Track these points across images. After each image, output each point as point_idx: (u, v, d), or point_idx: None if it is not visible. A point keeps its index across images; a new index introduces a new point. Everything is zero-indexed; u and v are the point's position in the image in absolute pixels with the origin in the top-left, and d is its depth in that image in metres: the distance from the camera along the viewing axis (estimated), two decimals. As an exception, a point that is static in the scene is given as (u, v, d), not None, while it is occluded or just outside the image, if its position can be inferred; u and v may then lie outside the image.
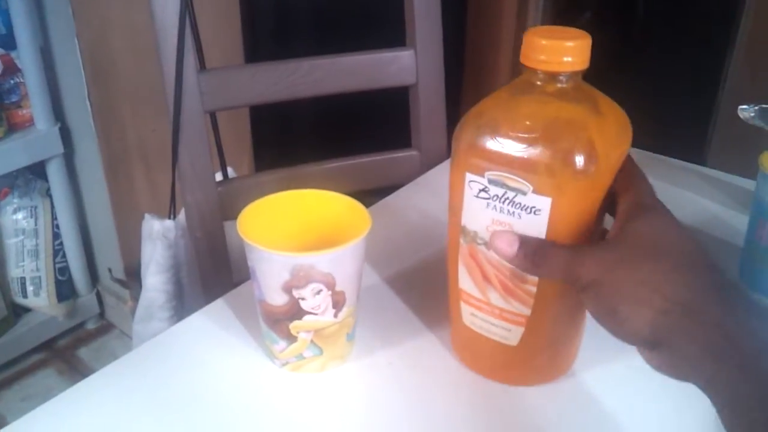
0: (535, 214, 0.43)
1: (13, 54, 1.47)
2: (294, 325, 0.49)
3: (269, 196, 0.53)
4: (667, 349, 0.38)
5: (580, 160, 0.42)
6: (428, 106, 0.91)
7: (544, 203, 0.43)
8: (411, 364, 0.53)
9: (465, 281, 0.49)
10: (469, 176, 0.45)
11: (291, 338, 0.50)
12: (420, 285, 0.62)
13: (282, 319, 0.49)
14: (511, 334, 0.48)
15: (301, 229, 0.54)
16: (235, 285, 0.63)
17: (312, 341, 0.50)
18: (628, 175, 0.44)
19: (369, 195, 0.76)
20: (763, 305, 0.59)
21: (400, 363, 0.54)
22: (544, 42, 0.42)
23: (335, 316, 0.50)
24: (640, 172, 0.45)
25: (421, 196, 0.79)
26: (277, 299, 0.48)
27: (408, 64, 0.89)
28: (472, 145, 0.44)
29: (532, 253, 0.42)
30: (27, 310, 1.67)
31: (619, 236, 0.41)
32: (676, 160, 0.85)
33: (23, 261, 1.61)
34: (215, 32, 1.30)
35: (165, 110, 0.79)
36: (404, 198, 0.78)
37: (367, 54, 0.88)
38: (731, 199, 0.77)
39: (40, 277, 1.63)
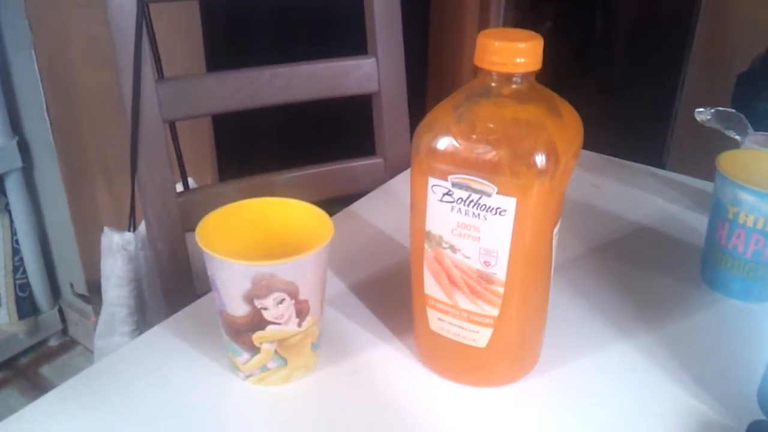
0: (501, 215, 0.43)
1: (-33, 67, 1.44)
2: (257, 336, 0.49)
3: (229, 205, 0.52)
4: None
5: (542, 160, 0.42)
6: (391, 114, 0.91)
7: (509, 204, 0.43)
8: (377, 372, 0.53)
9: (431, 286, 0.48)
10: (431, 181, 0.45)
11: (254, 349, 0.49)
12: (384, 292, 0.62)
13: (244, 330, 0.49)
14: (480, 336, 0.48)
15: (263, 239, 0.53)
16: (198, 297, 0.61)
17: (276, 352, 0.50)
18: None
19: (335, 203, 0.75)
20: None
21: (366, 371, 0.53)
22: (497, 44, 0.43)
23: (299, 325, 0.49)
24: None
25: (386, 204, 0.79)
26: (239, 309, 0.48)
27: (370, 72, 0.89)
28: (432, 150, 0.44)
29: None
30: (-14, 328, 1.62)
31: None
32: (634, 163, 0.87)
33: (-19, 278, 1.57)
34: (176, 42, 1.28)
35: (125, 121, 0.78)
36: (369, 205, 0.78)
37: (329, 62, 0.87)
38: (688, 200, 0.78)
39: (-1, 295, 1.59)
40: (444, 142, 0.44)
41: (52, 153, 1.51)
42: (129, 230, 0.85)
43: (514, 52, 0.42)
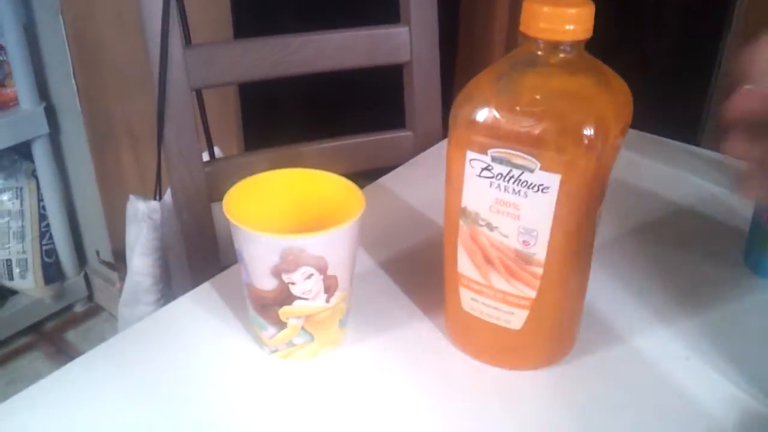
0: (543, 192, 0.41)
1: (-5, 31, 1.44)
2: (283, 311, 0.47)
3: (257, 175, 0.51)
4: None
5: (590, 135, 0.40)
6: (423, 85, 0.89)
7: (552, 180, 0.40)
8: (406, 351, 0.51)
9: (465, 265, 0.47)
10: (470, 154, 0.43)
11: (280, 324, 0.48)
12: (415, 269, 0.60)
13: (271, 305, 0.47)
14: (515, 318, 0.46)
15: (292, 211, 0.52)
16: (223, 268, 0.60)
17: (303, 328, 0.48)
18: None
19: (361, 177, 0.73)
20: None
21: (395, 349, 0.51)
22: (545, 9, 0.40)
23: (327, 301, 0.48)
24: None
25: (417, 178, 0.77)
26: (266, 284, 0.46)
27: (402, 42, 0.86)
28: (472, 121, 0.42)
29: None
30: (13, 292, 1.64)
31: None
32: (672, 141, 0.83)
33: (9, 243, 1.59)
34: (203, 8, 1.26)
35: (152, 88, 0.76)
36: (399, 179, 0.76)
37: (360, 30, 0.85)
38: (730, 180, 0.75)
39: (26, 260, 1.61)
40: (484, 114, 0.41)
41: (79, 119, 1.50)
42: (155, 199, 0.84)
43: (563, 18, 0.39)
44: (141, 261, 0.82)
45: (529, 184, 0.41)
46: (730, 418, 0.46)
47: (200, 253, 0.81)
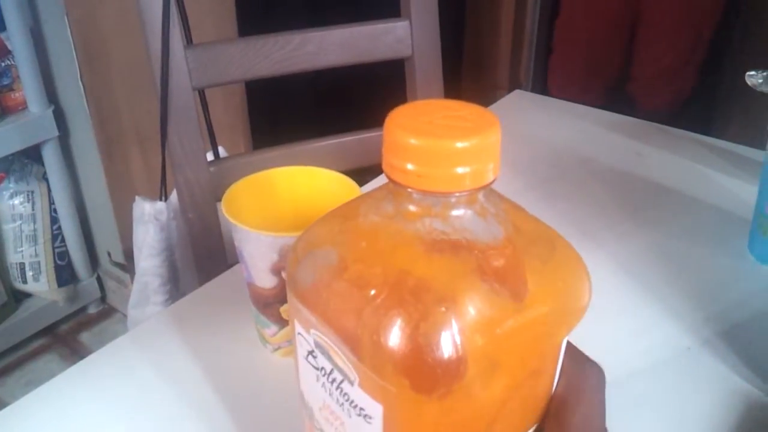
0: (366, 421, 0.26)
1: (2, 35, 1.45)
2: (285, 309, 0.47)
3: (256, 174, 0.51)
4: None
5: (437, 359, 0.23)
6: (425, 79, 0.89)
7: (375, 409, 0.25)
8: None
9: None
10: (297, 325, 0.29)
11: (282, 322, 0.48)
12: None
13: (272, 303, 0.47)
14: None
15: (292, 209, 0.52)
16: (230, 266, 0.61)
17: (304, 324, 0.48)
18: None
19: (369, 172, 0.73)
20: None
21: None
22: (413, 141, 0.24)
23: (327, 298, 0.48)
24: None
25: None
26: (266, 282, 0.46)
27: (403, 36, 0.86)
28: (298, 283, 0.28)
29: None
30: (27, 295, 1.65)
31: None
32: (678, 130, 0.83)
33: (22, 246, 1.60)
34: (208, 8, 1.27)
35: (156, 89, 0.76)
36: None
37: (360, 26, 0.85)
38: (736, 169, 0.74)
39: (39, 262, 1.62)
40: (313, 276, 0.27)
41: (88, 121, 1.51)
42: (161, 199, 0.84)
43: (449, 158, 0.24)
44: (148, 262, 0.82)
45: (350, 400, 0.26)
46: (733, 408, 0.45)
47: (207, 253, 0.82)
